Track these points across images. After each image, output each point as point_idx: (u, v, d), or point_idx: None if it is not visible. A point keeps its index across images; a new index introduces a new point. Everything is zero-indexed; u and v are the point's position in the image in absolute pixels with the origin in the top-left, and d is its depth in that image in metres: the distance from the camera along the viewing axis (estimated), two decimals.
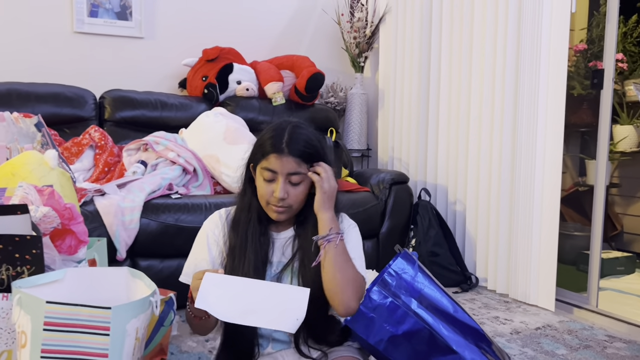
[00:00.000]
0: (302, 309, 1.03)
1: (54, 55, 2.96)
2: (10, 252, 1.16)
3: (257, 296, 1.06)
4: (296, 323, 1.02)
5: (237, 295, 1.06)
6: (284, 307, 1.04)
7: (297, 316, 1.03)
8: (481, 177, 2.73)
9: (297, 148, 1.19)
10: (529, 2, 2.41)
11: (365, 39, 3.52)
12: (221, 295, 1.04)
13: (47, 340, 0.99)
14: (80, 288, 1.20)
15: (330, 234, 1.18)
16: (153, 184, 2.31)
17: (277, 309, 1.04)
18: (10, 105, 2.56)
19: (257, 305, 1.04)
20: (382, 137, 3.56)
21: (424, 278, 1.33)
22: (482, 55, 2.72)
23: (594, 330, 2.17)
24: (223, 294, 1.05)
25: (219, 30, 3.34)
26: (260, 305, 1.05)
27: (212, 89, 3.06)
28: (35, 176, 1.49)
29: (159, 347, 1.69)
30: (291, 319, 1.03)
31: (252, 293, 1.06)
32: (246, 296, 1.06)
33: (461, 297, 2.58)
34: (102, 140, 2.60)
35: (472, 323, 1.30)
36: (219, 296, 1.04)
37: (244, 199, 1.28)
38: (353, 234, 1.30)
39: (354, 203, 2.66)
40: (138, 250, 2.20)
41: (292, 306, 1.04)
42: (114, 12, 3.08)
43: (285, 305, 1.04)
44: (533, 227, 2.43)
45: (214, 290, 1.04)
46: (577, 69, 3.45)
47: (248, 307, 1.04)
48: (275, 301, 1.05)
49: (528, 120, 2.45)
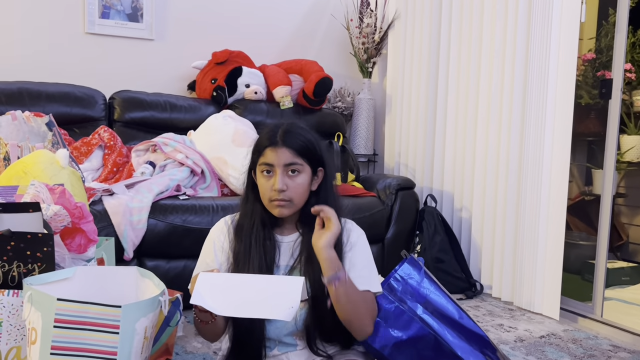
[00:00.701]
0: (296, 297, 1.04)
1: (65, 56, 2.99)
2: (22, 249, 1.18)
3: (251, 289, 1.07)
4: (291, 311, 1.02)
5: (232, 289, 1.07)
6: (278, 297, 1.05)
7: (291, 304, 1.03)
8: (488, 184, 2.74)
9: (292, 140, 1.21)
10: (538, 11, 2.42)
11: (374, 44, 3.53)
12: (216, 292, 1.06)
13: (57, 337, 1.01)
14: (89, 286, 1.21)
15: (338, 273, 1.16)
16: (161, 185, 2.33)
17: (272, 300, 1.05)
18: (22, 104, 2.59)
19: (252, 298, 1.05)
20: (389, 142, 3.57)
21: (429, 284, 1.33)
22: (490, 62, 2.73)
23: (599, 339, 2.16)
24: (218, 290, 1.06)
25: (229, 33, 3.36)
26: (255, 297, 1.06)
27: (221, 91, 3.08)
28: (47, 175, 1.50)
29: (165, 347, 1.70)
30: (286, 308, 1.03)
31: (246, 287, 1.07)
32: (241, 290, 1.07)
33: (466, 304, 2.58)
34: (111, 140, 2.62)
35: (477, 330, 1.30)
36: (214, 292, 1.05)
37: (246, 205, 1.29)
38: (364, 245, 1.30)
39: (360, 208, 2.66)
40: (145, 251, 2.22)
41: (287, 296, 1.05)
42: (125, 14, 3.10)
43: (280, 296, 1.05)
44: (539, 236, 2.43)
45: (209, 287, 1.06)
46: (585, 78, 3.45)
47: (243, 300, 1.05)
48: (270, 292, 1.06)
49: (535, 128, 2.45)
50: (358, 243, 1.28)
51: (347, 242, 1.27)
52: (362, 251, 1.28)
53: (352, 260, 1.25)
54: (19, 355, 1.20)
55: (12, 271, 1.19)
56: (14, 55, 2.89)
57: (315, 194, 1.27)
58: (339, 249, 1.23)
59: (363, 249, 1.28)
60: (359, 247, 1.27)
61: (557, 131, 2.38)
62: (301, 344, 1.27)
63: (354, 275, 1.22)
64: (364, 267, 1.26)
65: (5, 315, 1.17)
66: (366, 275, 1.25)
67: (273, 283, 1.08)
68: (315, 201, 1.25)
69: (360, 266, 1.25)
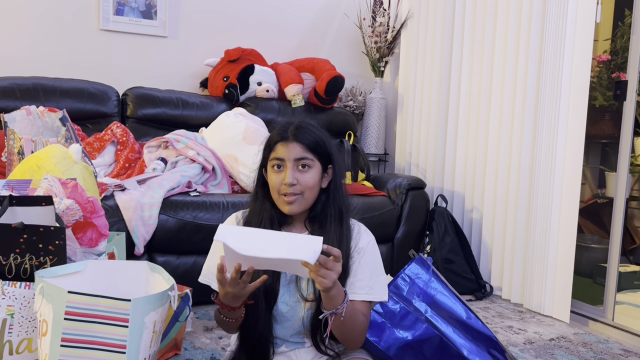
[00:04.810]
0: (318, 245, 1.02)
1: (79, 52, 3.02)
2: (34, 242, 1.19)
3: (272, 237, 1.06)
4: (314, 255, 1.00)
5: (254, 235, 1.06)
6: (300, 244, 1.03)
7: (314, 249, 1.01)
8: (499, 185, 2.72)
9: (302, 135, 1.21)
10: (553, 12, 2.40)
11: (386, 43, 3.52)
12: (239, 234, 1.04)
13: (68, 330, 1.02)
14: (100, 280, 1.23)
15: (338, 309, 1.12)
16: (172, 181, 2.34)
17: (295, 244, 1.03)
18: (37, 99, 2.62)
19: (274, 243, 1.04)
20: (400, 142, 3.56)
21: (437, 283, 1.33)
22: (503, 63, 2.71)
23: (609, 343, 2.14)
24: (240, 233, 1.05)
25: (241, 31, 3.37)
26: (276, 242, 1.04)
27: (233, 89, 3.09)
28: (60, 169, 1.52)
29: (174, 342, 1.72)
30: (309, 250, 1.01)
31: (267, 235, 1.07)
32: (262, 236, 1.06)
33: (475, 306, 2.57)
34: (123, 136, 2.64)
35: (486, 330, 1.30)
36: (236, 236, 1.04)
37: (256, 202, 1.29)
38: (372, 251, 1.27)
39: (370, 207, 2.66)
40: (155, 246, 2.23)
41: (309, 244, 1.03)
42: (139, 11, 3.13)
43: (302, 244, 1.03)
44: (550, 238, 2.41)
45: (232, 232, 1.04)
46: (599, 80, 3.41)
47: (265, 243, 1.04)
48: (291, 242, 1.05)
49: (548, 130, 2.43)
50: (367, 250, 1.26)
51: (355, 247, 1.25)
52: (369, 258, 1.25)
53: (357, 267, 1.23)
54: (30, 347, 1.21)
55: (24, 264, 1.21)
56: (29, 51, 2.92)
57: (325, 192, 1.27)
58: (346, 253, 1.22)
59: (370, 256, 1.26)
60: (367, 254, 1.25)
61: (570, 133, 2.35)
62: (309, 341, 1.28)
63: (357, 282, 1.21)
64: (368, 277, 1.23)
65: (17, 307, 1.19)
66: (369, 285, 1.23)
67: (293, 237, 1.06)
68: (324, 199, 1.25)
69: (364, 275, 1.23)
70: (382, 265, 1.28)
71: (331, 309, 1.11)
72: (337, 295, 1.10)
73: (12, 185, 1.40)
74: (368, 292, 1.22)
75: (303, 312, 1.23)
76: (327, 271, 1.04)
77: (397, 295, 1.28)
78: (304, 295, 1.22)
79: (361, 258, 1.24)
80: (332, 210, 1.25)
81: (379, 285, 1.25)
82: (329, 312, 1.11)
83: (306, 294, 1.23)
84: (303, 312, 1.23)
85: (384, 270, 1.29)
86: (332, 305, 1.10)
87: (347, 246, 1.23)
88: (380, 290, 1.24)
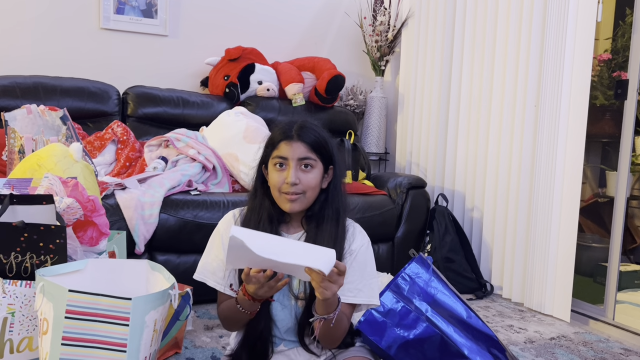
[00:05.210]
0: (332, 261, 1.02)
1: (80, 51, 3.02)
2: (35, 240, 1.20)
3: (286, 243, 1.06)
4: (329, 266, 1.01)
5: (268, 239, 1.06)
6: (315, 255, 1.03)
7: (329, 260, 1.02)
8: (499, 184, 2.72)
9: (307, 135, 1.22)
10: (554, 10, 2.40)
11: (387, 42, 3.52)
12: (254, 237, 1.03)
13: (68, 328, 1.02)
14: (101, 279, 1.23)
15: (330, 315, 1.13)
16: (173, 180, 2.34)
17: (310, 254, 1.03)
18: (37, 98, 2.62)
19: (289, 249, 1.04)
20: (401, 141, 3.56)
21: (438, 283, 1.33)
22: (504, 62, 2.71)
23: (610, 342, 2.14)
24: (254, 236, 1.04)
25: (242, 30, 3.37)
26: (291, 248, 1.04)
27: (234, 88, 3.09)
28: (60, 168, 1.52)
29: (174, 341, 1.72)
30: (326, 262, 1.01)
31: (281, 240, 1.07)
32: (276, 241, 1.07)
33: (475, 305, 2.57)
34: (124, 135, 2.64)
35: (486, 329, 1.30)
36: (251, 237, 1.02)
37: (254, 200, 1.29)
38: (365, 254, 1.26)
39: (371, 206, 2.66)
40: (156, 245, 2.23)
41: (325, 257, 1.03)
42: (140, 10, 3.13)
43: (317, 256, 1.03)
44: (550, 237, 2.41)
45: (247, 233, 1.03)
46: (600, 79, 3.41)
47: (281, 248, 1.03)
48: (305, 250, 1.05)
49: (549, 129, 2.43)
50: (359, 252, 1.25)
51: (349, 248, 1.25)
52: (361, 260, 1.25)
53: (347, 269, 1.19)
54: (31, 345, 1.22)
55: (25, 262, 1.21)
56: (30, 49, 2.92)
57: (324, 192, 1.27)
58: (339, 253, 1.22)
59: (362, 258, 1.25)
60: (359, 256, 1.25)
61: (571, 132, 2.35)
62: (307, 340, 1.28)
63: (345, 284, 1.18)
64: (357, 279, 1.23)
65: (17, 305, 1.19)
66: (357, 288, 1.22)
67: (306, 246, 1.07)
68: (323, 199, 1.26)
69: (353, 277, 1.22)
70: (374, 268, 1.27)
71: (323, 314, 1.12)
72: (332, 303, 1.12)
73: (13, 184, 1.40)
74: (356, 294, 1.22)
75: (295, 310, 1.24)
76: (331, 284, 1.05)
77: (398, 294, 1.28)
78: (295, 294, 1.23)
79: (353, 260, 1.24)
80: (329, 210, 1.25)
81: (368, 288, 1.24)
82: (320, 316, 1.13)
83: (297, 292, 1.23)
84: (296, 311, 1.24)
85: (376, 274, 1.28)
86: (325, 311, 1.12)
87: (340, 247, 1.23)
88: (369, 293, 1.24)
